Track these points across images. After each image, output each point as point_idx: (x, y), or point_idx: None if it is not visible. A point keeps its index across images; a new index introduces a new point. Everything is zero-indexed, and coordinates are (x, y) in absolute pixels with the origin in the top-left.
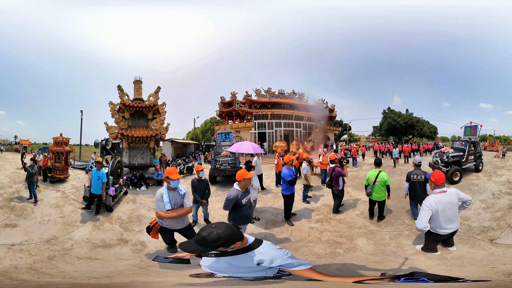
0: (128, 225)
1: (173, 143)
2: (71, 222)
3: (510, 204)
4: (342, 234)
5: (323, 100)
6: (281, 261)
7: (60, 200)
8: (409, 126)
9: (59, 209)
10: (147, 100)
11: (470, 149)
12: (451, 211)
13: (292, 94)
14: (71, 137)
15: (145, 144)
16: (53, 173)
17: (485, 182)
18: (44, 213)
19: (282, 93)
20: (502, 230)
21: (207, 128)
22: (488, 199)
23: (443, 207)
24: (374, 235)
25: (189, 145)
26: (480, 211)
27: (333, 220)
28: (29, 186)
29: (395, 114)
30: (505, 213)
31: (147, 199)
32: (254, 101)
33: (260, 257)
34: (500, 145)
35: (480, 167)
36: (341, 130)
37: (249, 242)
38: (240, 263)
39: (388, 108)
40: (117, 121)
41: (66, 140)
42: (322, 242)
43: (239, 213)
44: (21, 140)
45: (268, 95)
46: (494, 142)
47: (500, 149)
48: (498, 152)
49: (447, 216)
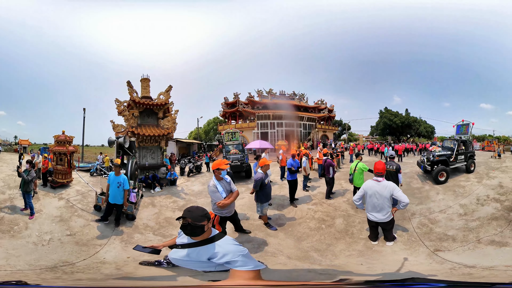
0: (163, 231)
1: (177, 142)
2: (87, 241)
3: (493, 215)
4: (328, 214)
5: (323, 101)
6: (231, 257)
7: (65, 211)
8: (406, 126)
9: (65, 224)
10: (157, 99)
11: (460, 149)
12: (378, 201)
13: (293, 95)
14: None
15: (155, 144)
16: (55, 176)
17: (474, 185)
18: (43, 230)
19: (283, 94)
20: (464, 244)
21: (210, 128)
22: (469, 205)
23: (371, 193)
24: (349, 218)
25: (192, 144)
26: (454, 217)
27: (324, 204)
28: (24, 195)
29: (392, 114)
30: (482, 225)
31: (165, 200)
32: (256, 102)
33: (217, 249)
34: (496, 144)
35: (471, 168)
36: (340, 129)
37: (212, 234)
38: (197, 256)
39: (385, 108)
40: (127, 119)
41: (70, 138)
42: (315, 219)
43: (264, 192)
44: (21, 140)
45: (270, 96)
46: (492, 142)
47: (496, 149)
48: (494, 152)
49: (373, 203)
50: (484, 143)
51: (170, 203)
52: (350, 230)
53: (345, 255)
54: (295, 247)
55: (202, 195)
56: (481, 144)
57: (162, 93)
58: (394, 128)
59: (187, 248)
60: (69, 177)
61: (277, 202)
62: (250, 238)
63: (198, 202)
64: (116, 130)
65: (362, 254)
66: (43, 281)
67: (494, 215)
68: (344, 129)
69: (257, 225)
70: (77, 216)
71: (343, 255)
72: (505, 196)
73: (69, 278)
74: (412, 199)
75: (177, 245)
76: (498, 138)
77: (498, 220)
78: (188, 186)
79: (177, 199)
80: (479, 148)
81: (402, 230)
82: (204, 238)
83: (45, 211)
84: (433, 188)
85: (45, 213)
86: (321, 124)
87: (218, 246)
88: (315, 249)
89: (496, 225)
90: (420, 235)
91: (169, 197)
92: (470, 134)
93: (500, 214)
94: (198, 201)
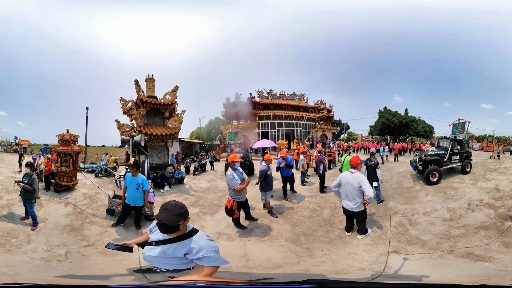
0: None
1: (180, 142)
2: (113, 251)
3: (483, 223)
4: (319, 205)
5: (322, 101)
6: (204, 253)
7: (75, 219)
8: (404, 125)
9: (78, 234)
10: (163, 98)
11: (454, 148)
12: (349, 190)
13: (293, 95)
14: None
15: (162, 143)
16: (58, 179)
17: (468, 187)
18: (52, 242)
19: (283, 94)
20: (430, 252)
21: (212, 128)
22: (458, 210)
23: (345, 182)
24: (335, 209)
25: (195, 144)
26: (436, 221)
27: (318, 196)
28: (25, 203)
29: (390, 113)
30: (466, 234)
31: (176, 198)
32: (257, 103)
33: (193, 245)
34: (496, 145)
35: (467, 169)
36: (339, 129)
37: (188, 230)
38: (174, 252)
39: (384, 108)
40: (135, 117)
41: (75, 137)
42: (309, 208)
43: (267, 181)
44: (21, 140)
45: (270, 97)
46: (492, 142)
47: (495, 149)
48: (493, 152)
49: (346, 191)
50: (484, 143)
51: (181, 200)
52: (333, 220)
53: (319, 241)
54: (291, 231)
55: (211, 191)
56: (481, 145)
57: (168, 93)
58: (392, 128)
59: (163, 244)
60: (74, 179)
61: (277, 195)
62: (258, 225)
63: (208, 197)
64: (121, 130)
65: (331, 242)
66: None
67: (484, 223)
68: (343, 128)
69: (262, 213)
70: (90, 223)
71: (318, 240)
72: (500, 201)
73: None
74: (399, 198)
75: (151, 242)
76: (498, 138)
77: (487, 230)
78: (195, 184)
79: (188, 196)
80: (478, 148)
81: (378, 226)
82: (180, 234)
83: (51, 219)
84: (423, 189)
85: (51, 222)
86: (321, 124)
87: (194, 242)
88: (304, 233)
89: (484, 236)
90: (393, 235)
91: (180, 195)
92: (466, 133)
93: (491, 222)
94: (208, 196)
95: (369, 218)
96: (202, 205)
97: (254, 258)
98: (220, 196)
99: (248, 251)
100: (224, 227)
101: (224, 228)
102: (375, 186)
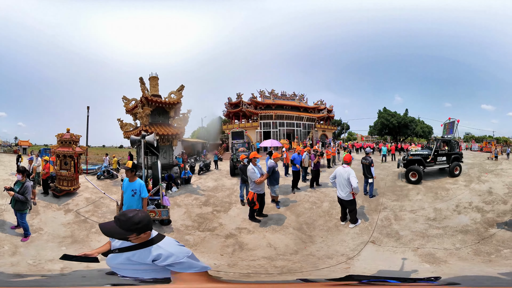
0: (206, 226)
1: (183, 142)
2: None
3: (465, 227)
4: (319, 199)
5: (322, 101)
6: (175, 259)
7: (78, 229)
8: (403, 126)
9: (82, 247)
10: (168, 97)
11: (441, 149)
12: (341, 181)
13: (293, 95)
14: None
15: (167, 143)
16: (58, 183)
17: (459, 189)
18: (43, 256)
19: (284, 94)
20: (399, 246)
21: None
22: (444, 210)
23: (338, 174)
24: (333, 202)
25: (197, 144)
26: (419, 219)
27: (318, 191)
28: (16, 214)
29: (389, 114)
30: (443, 235)
31: (186, 198)
32: (259, 103)
33: (159, 251)
34: (494, 145)
35: (455, 172)
36: (340, 129)
37: (152, 236)
38: (139, 258)
39: (384, 108)
40: (140, 116)
41: (76, 138)
42: (309, 202)
43: (274, 176)
44: (20, 141)
45: (272, 97)
46: (491, 143)
47: (492, 150)
48: (491, 153)
49: (339, 182)
50: (483, 144)
51: (192, 200)
52: (331, 211)
53: (319, 229)
54: (296, 221)
55: (219, 190)
56: (480, 145)
57: (173, 92)
58: (391, 128)
59: (126, 251)
60: (75, 183)
61: (282, 190)
62: (271, 216)
63: (217, 196)
64: (124, 129)
65: (328, 230)
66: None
67: (466, 227)
68: (343, 128)
69: (271, 207)
70: (97, 234)
71: (318, 228)
72: (491, 205)
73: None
74: (391, 195)
75: (114, 249)
76: (497, 139)
77: (466, 234)
78: (202, 183)
79: (198, 196)
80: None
81: (366, 219)
82: (141, 241)
83: (47, 229)
84: (415, 188)
85: (47, 232)
86: (321, 124)
87: (160, 248)
88: (306, 223)
89: (459, 240)
90: (378, 227)
91: (189, 195)
92: (455, 133)
93: (474, 227)
94: (217, 195)
95: (361, 211)
96: (213, 203)
97: (277, 246)
98: (229, 194)
99: (270, 241)
100: (241, 222)
101: (241, 223)
102: (370, 183)
